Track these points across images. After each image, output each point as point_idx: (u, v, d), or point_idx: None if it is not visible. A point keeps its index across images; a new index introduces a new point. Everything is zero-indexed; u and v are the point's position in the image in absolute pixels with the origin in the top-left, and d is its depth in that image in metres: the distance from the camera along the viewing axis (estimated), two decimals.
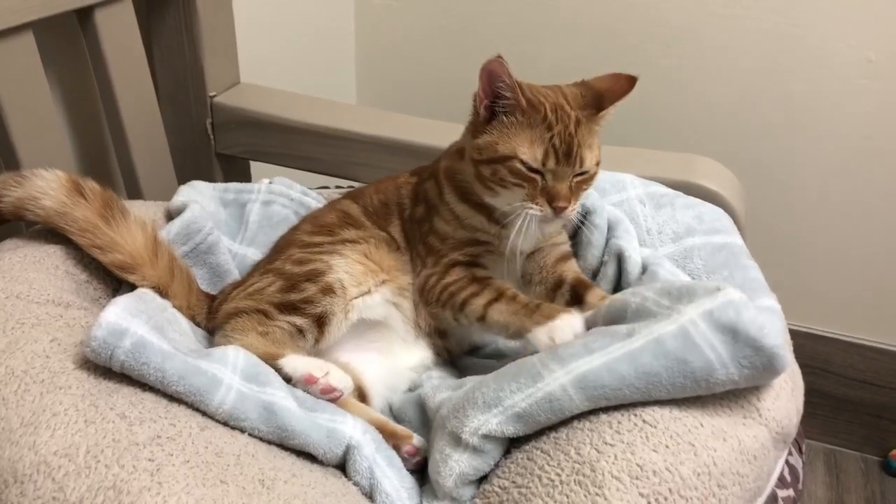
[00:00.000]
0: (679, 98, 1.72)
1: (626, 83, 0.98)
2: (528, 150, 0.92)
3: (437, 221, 1.02)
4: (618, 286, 1.03)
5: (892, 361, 1.82)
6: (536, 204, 0.93)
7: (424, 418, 0.94)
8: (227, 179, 1.44)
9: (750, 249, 1.05)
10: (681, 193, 1.09)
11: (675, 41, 1.68)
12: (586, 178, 0.96)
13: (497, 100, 0.93)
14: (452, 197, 1.01)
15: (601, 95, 0.97)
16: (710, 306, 0.79)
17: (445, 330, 1.04)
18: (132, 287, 0.94)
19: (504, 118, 0.93)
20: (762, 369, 0.78)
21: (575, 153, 0.92)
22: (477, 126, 0.96)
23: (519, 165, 0.92)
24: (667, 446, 0.77)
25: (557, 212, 0.93)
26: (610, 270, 1.03)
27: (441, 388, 0.94)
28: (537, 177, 0.93)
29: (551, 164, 0.92)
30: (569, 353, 0.81)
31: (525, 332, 0.89)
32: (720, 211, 1.08)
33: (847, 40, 1.57)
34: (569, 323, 0.88)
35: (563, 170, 0.93)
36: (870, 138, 1.64)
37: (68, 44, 1.24)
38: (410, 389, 1.02)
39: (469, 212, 1.01)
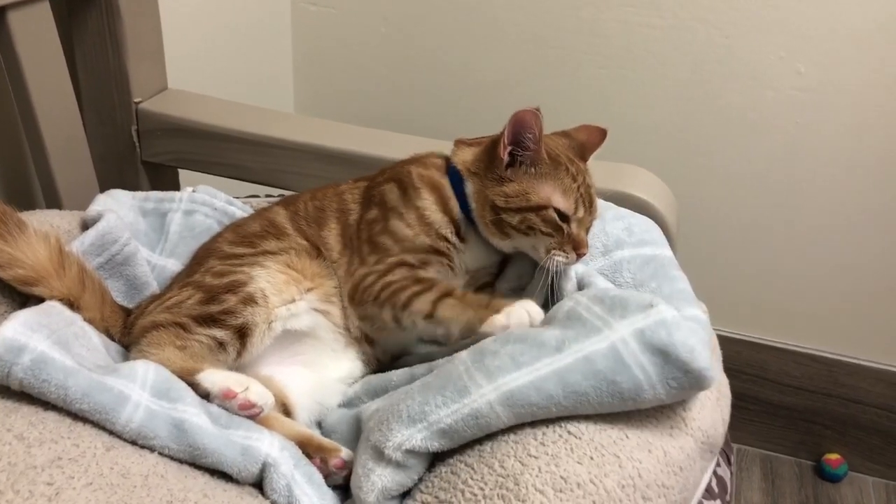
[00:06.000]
0: (613, 108, 1.73)
1: (599, 135, 1.05)
2: (562, 200, 0.95)
3: (394, 222, 1.00)
4: (548, 297, 1.01)
5: (824, 367, 1.85)
6: (563, 251, 0.96)
7: (358, 434, 0.91)
8: (154, 188, 1.39)
9: (685, 259, 1.06)
10: (612, 205, 1.09)
11: (610, 52, 1.69)
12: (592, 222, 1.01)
13: (518, 147, 0.95)
14: (431, 204, 1.00)
15: (583, 147, 1.04)
16: (641, 325, 0.79)
17: (373, 338, 1.02)
18: (40, 301, 0.90)
19: (526, 168, 0.96)
20: (689, 388, 0.78)
21: (595, 202, 0.99)
22: (495, 170, 0.97)
23: (553, 214, 0.95)
24: (591, 458, 0.76)
25: (579, 257, 0.97)
26: (541, 280, 1.02)
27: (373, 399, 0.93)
28: (565, 225, 0.95)
29: (580, 213, 0.97)
30: (496, 366, 0.80)
31: (478, 325, 0.88)
32: (650, 222, 1.08)
33: (777, 52, 1.60)
34: (525, 307, 0.89)
35: (587, 218, 0.98)
36: (800, 148, 1.67)
37: None
38: (342, 404, 1.00)
39: (445, 222, 1.00)
